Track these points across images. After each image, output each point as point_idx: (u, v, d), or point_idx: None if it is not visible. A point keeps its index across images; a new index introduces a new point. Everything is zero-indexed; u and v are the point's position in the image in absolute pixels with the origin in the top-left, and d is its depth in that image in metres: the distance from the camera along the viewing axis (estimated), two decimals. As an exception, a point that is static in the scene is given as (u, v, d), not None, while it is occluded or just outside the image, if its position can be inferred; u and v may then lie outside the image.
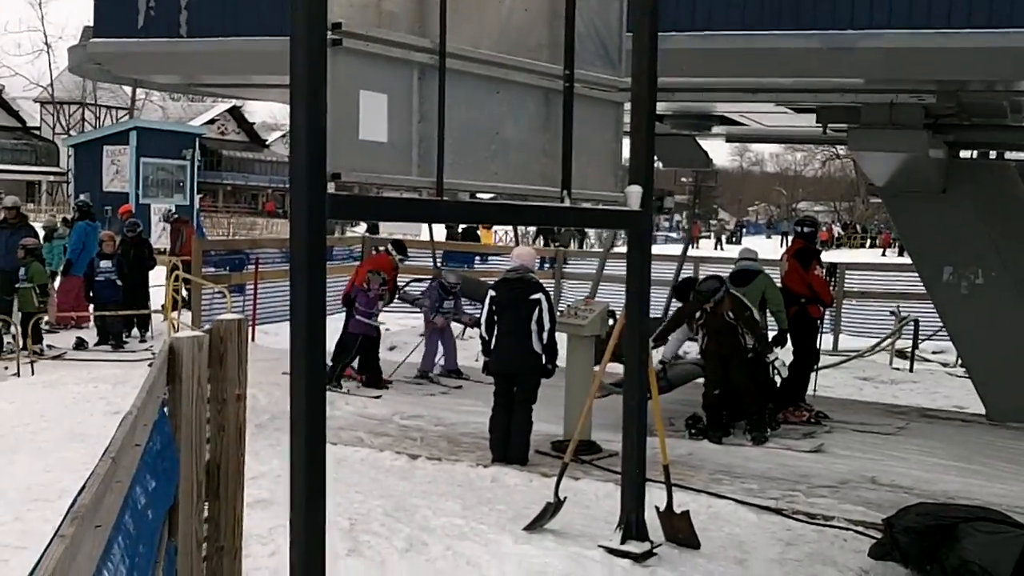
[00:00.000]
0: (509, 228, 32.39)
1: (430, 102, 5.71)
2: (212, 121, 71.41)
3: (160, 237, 29.06)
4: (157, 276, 18.44)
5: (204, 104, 72.40)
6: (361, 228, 38.63)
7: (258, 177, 73.83)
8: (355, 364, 13.20)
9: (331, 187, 4.99)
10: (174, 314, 16.29)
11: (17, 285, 15.85)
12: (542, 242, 39.13)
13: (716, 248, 63.85)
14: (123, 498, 2.29)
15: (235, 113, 75.71)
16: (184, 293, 17.31)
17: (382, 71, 5.49)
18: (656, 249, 8.58)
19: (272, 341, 14.97)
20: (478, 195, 7.67)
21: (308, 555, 4.88)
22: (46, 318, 16.28)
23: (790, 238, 16.21)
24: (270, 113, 75.70)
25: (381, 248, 16.81)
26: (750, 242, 72.70)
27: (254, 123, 78.93)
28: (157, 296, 17.90)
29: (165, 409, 3.32)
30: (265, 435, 9.65)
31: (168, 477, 3.12)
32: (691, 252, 17.42)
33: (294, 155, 4.82)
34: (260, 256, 17.48)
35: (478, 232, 31.07)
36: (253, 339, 14.89)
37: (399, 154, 5.61)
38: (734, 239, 71.22)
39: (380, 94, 5.41)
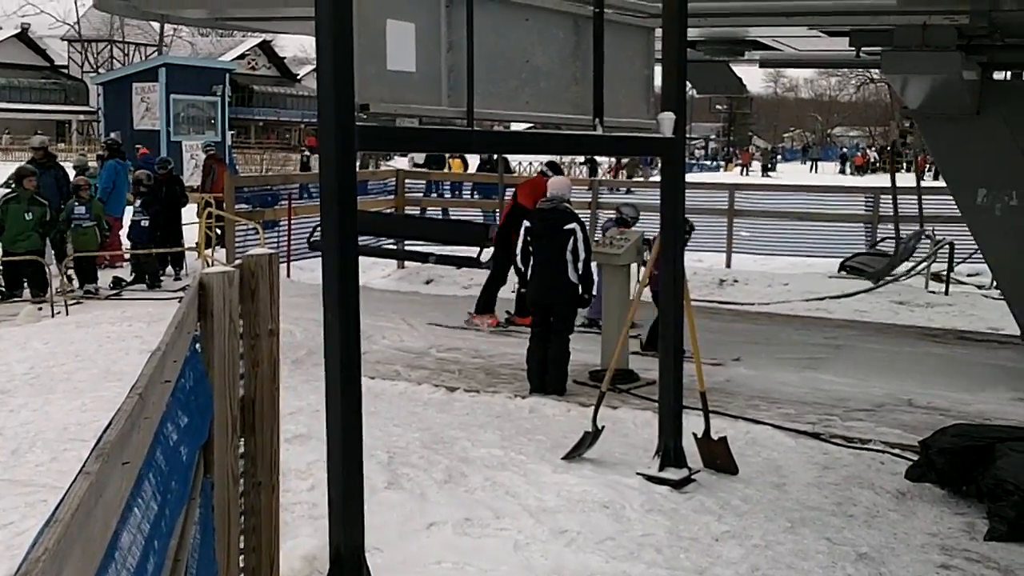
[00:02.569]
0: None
1: (458, 31, 5.61)
2: (242, 56, 71.34)
3: (192, 175, 29.10)
4: (190, 214, 18.49)
5: (233, 39, 72.29)
6: (396, 162, 38.21)
7: (290, 112, 73.72)
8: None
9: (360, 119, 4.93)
10: (208, 251, 16.35)
11: (82, 224, 15.84)
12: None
13: (764, 175, 63.27)
14: (153, 435, 2.28)
15: (265, 48, 75.55)
16: (217, 230, 17.34)
17: (408, -1, 5.40)
18: (691, 177, 8.48)
19: (308, 277, 14.99)
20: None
21: (346, 488, 4.90)
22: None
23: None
24: (300, 47, 75.54)
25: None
26: (785, 169, 71.81)
27: (285, 57, 78.75)
28: (191, 234, 17.96)
29: (197, 345, 3.30)
30: (302, 371, 9.71)
31: (201, 413, 3.11)
32: (740, 180, 17.15)
33: (321, 87, 4.75)
34: (293, 191, 17.45)
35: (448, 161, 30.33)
36: (288, 275, 14.94)
37: (428, 84, 5.53)
38: (769, 167, 70.35)
39: (407, 23, 5.32)
